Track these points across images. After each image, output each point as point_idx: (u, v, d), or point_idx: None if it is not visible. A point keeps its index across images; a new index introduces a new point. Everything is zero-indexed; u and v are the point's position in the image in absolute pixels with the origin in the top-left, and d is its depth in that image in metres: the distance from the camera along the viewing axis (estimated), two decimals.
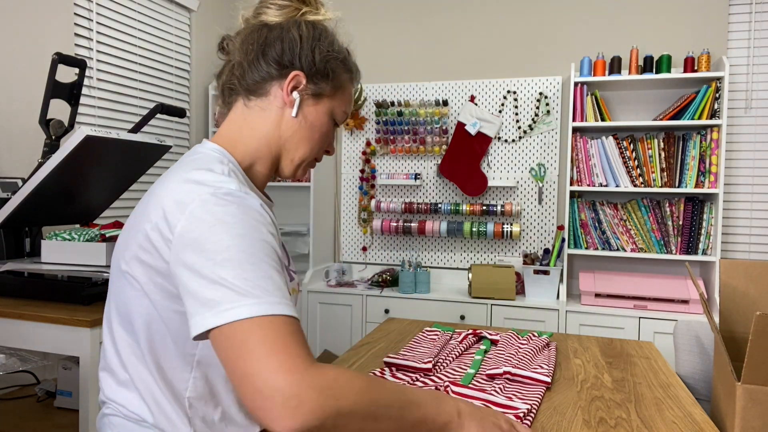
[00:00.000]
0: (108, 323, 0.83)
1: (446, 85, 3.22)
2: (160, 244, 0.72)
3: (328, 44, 0.87)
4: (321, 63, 0.86)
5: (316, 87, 0.86)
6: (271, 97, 0.86)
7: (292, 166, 0.89)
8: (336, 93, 0.89)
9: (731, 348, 1.21)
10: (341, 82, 0.89)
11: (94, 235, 1.65)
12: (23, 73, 2.21)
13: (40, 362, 1.42)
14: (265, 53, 0.85)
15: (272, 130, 0.86)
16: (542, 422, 0.96)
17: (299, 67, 0.85)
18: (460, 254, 3.23)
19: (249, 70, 0.86)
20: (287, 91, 0.85)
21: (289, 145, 0.87)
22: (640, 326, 2.63)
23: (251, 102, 0.86)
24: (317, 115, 0.87)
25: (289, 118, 0.86)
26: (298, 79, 0.85)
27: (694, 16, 2.88)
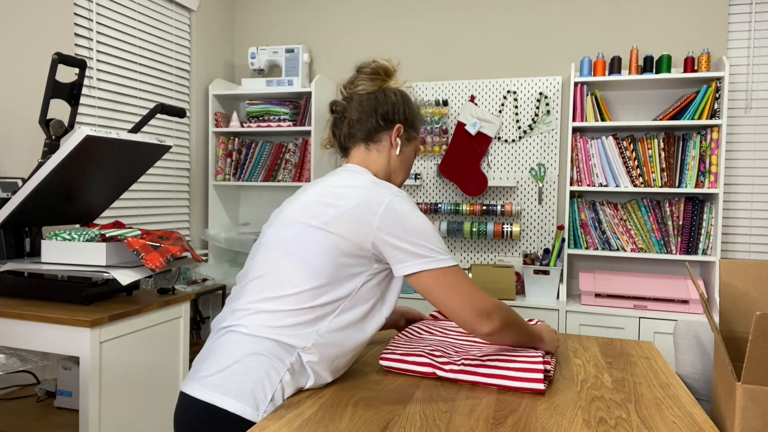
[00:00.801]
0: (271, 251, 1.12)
1: (446, 85, 3.22)
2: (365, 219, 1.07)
3: (412, 104, 1.28)
4: (410, 117, 1.27)
5: (407, 133, 1.27)
6: (384, 142, 1.25)
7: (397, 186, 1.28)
8: (417, 136, 1.31)
9: (731, 348, 1.21)
10: (418, 128, 1.32)
11: (94, 235, 1.65)
12: (23, 73, 2.21)
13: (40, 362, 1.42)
14: (377, 112, 1.23)
15: (385, 164, 1.26)
16: (542, 422, 0.96)
17: (400, 121, 1.25)
18: (460, 254, 3.23)
19: (367, 123, 1.24)
20: (394, 137, 1.25)
21: (395, 172, 1.28)
22: (640, 326, 2.63)
23: (370, 146, 1.25)
24: (408, 152, 1.29)
25: (395, 156, 1.26)
26: (400, 130, 1.25)
27: (694, 16, 2.88)
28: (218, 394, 1.01)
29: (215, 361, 1.05)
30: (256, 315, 1.07)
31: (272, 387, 1.03)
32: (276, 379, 1.03)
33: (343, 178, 1.15)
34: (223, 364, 1.04)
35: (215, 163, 3.35)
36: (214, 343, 1.09)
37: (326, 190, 1.13)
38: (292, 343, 1.05)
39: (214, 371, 1.04)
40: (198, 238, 3.32)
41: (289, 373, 1.05)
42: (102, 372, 1.55)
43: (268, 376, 1.03)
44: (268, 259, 1.11)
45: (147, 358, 1.73)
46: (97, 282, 1.67)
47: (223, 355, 1.05)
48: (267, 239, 1.14)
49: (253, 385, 1.02)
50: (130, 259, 1.69)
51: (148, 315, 1.72)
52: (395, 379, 1.17)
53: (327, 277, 1.07)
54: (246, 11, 3.62)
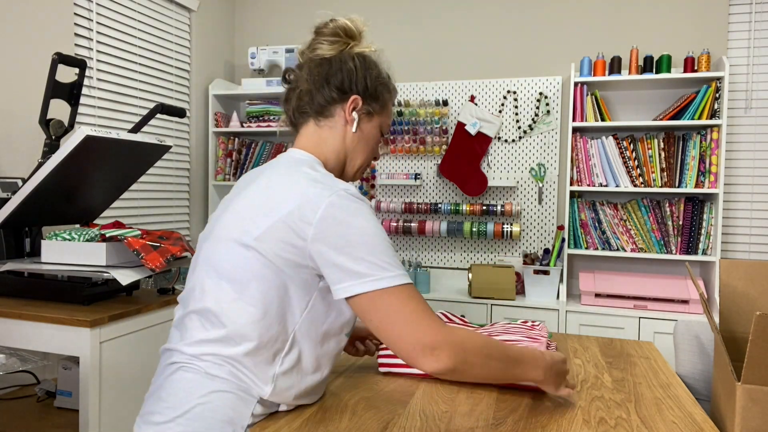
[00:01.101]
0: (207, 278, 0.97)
1: (446, 85, 3.22)
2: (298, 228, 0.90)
3: (376, 71, 1.09)
4: (372, 87, 1.08)
5: (368, 107, 1.08)
6: (337, 117, 1.07)
7: (353, 171, 1.11)
8: (382, 110, 1.11)
9: (731, 348, 1.21)
10: (385, 101, 1.11)
11: (94, 235, 1.65)
12: (23, 73, 2.21)
13: (40, 362, 1.42)
14: (329, 82, 1.06)
15: (339, 144, 1.08)
16: (542, 422, 0.96)
17: (356, 92, 1.06)
18: (460, 254, 3.23)
19: (317, 96, 1.06)
20: (348, 111, 1.06)
21: (352, 154, 1.09)
22: (640, 326, 2.63)
23: (321, 122, 1.07)
24: (370, 129, 1.10)
25: (351, 133, 1.08)
26: (356, 102, 1.06)
27: (694, 16, 2.88)
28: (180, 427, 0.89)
29: (172, 405, 0.91)
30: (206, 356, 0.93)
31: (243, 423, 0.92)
32: (247, 414, 0.92)
33: (280, 173, 0.97)
34: (182, 408, 0.91)
35: (215, 163, 3.35)
36: (166, 380, 0.95)
37: (259, 193, 0.95)
38: (250, 389, 0.93)
39: (173, 416, 0.91)
40: (198, 238, 3.32)
41: (260, 405, 0.94)
42: (102, 372, 1.55)
43: (237, 412, 0.91)
44: (203, 286, 0.95)
45: (147, 358, 1.73)
46: (97, 282, 1.67)
47: (179, 397, 0.91)
48: (202, 259, 0.98)
49: (222, 428, 0.90)
50: (130, 259, 1.69)
51: (148, 315, 1.72)
52: (395, 379, 1.17)
53: (269, 306, 0.91)
54: (246, 11, 3.62)
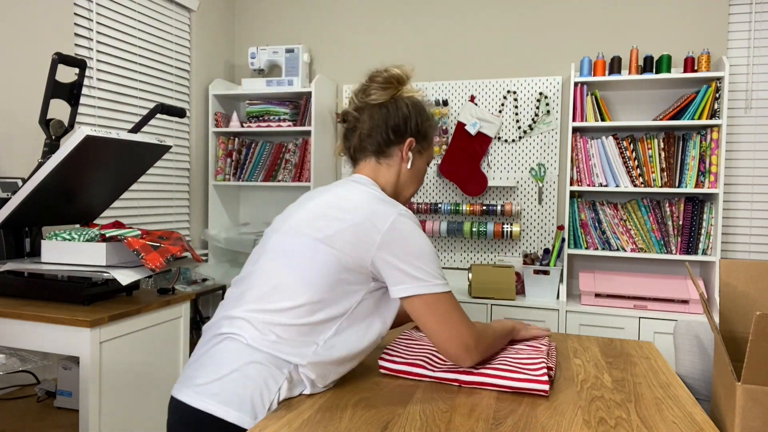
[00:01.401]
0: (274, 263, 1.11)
1: (446, 85, 3.22)
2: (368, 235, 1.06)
3: (425, 113, 1.26)
4: (423, 128, 1.25)
5: (420, 146, 1.26)
6: (395, 157, 1.24)
7: (405, 199, 1.29)
8: (430, 146, 1.29)
9: (731, 348, 1.21)
10: (431, 138, 1.29)
11: (94, 235, 1.65)
12: (23, 73, 2.21)
13: (40, 362, 1.42)
14: (388, 126, 1.22)
15: (394, 177, 1.25)
16: (542, 422, 0.96)
17: (411, 134, 1.23)
18: (460, 254, 3.23)
19: (378, 137, 1.22)
20: (405, 152, 1.23)
21: (404, 186, 1.27)
22: (640, 326, 2.63)
23: (381, 160, 1.24)
24: (421, 164, 1.28)
25: (406, 169, 1.25)
26: (412, 143, 1.23)
27: (694, 16, 2.88)
28: (216, 403, 0.99)
29: (212, 369, 1.03)
30: (254, 326, 1.05)
31: (270, 396, 1.02)
32: (274, 389, 1.02)
33: (350, 189, 1.14)
34: (220, 372, 1.02)
35: (215, 163, 3.35)
36: (211, 349, 1.07)
37: (333, 202, 1.11)
38: (288, 359, 1.04)
39: (212, 379, 1.02)
40: (198, 238, 3.32)
41: (287, 382, 1.04)
42: (102, 372, 1.55)
43: (266, 385, 1.02)
44: (269, 268, 1.09)
45: (147, 358, 1.73)
46: (97, 282, 1.67)
47: (220, 363, 1.03)
48: (270, 247, 1.12)
49: (252, 394, 1.00)
50: (130, 259, 1.69)
51: (148, 315, 1.72)
52: (395, 380, 1.17)
53: (325, 292, 1.05)
54: (246, 11, 3.62)
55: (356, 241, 1.05)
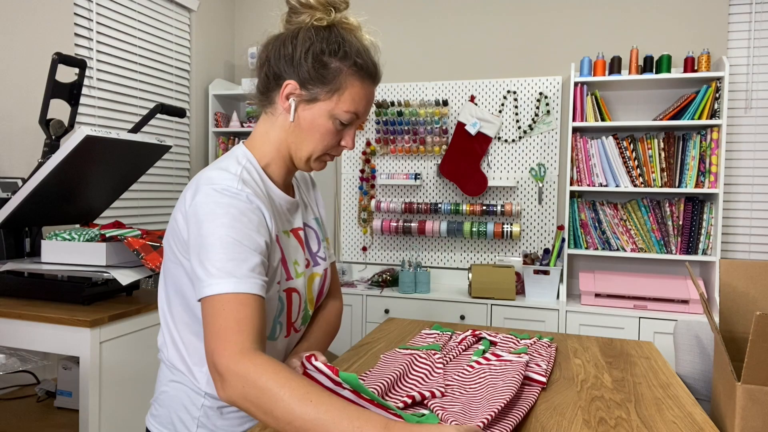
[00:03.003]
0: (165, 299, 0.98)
1: (446, 85, 3.22)
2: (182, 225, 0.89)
3: (327, 47, 0.92)
4: (313, 68, 0.91)
5: (308, 92, 0.93)
6: (276, 105, 0.96)
7: (302, 163, 0.99)
8: (334, 94, 0.93)
9: (731, 348, 1.21)
10: (340, 83, 0.92)
11: (94, 235, 1.65)
12: (23, 73, 2.21)
13: (40, 362, 1.42)
14: (269, 65, 0.95)
15: (279, 134, 0.97)
16: (542, 422, 0.96)
17: (292, 76, 0.93)
18: (460, 254, 3.23)
19: (260, 81, 0.98)
20: (282, 98, 0.94)
21: (293, 145, 0.97)
22: (640, 326, 2.63)
23: (266, 110, 0.99)
24: (313, 118, 0.94)
25: (288, 122, 0.96)
26: (291, 88, 0.93)
27: (694, 16, 2.88)
28: (156, 423, 1.00)
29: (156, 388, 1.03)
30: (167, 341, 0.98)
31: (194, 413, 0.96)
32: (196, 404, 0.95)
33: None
34: (156, 392, 1.01)
35: None
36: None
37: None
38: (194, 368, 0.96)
39: (153, 399, 1.03)
40: None
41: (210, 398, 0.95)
42: (102, 372, 1.55)
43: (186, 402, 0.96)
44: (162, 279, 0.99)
45: (147, 358, 1.73)
46: (97, 282, 1.67)
47: (157, 383, 1.02)
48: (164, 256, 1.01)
49: (173, 413, 0.97)
50: (130, 259, 1.69)
51: (148, 315, 1.72)
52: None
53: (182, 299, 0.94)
54: (246, 11, 3.62)
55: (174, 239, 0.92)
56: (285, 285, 0.95)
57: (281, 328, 0.96)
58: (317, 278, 1.05)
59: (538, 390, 1.08)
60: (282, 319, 0.96)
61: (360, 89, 0.94)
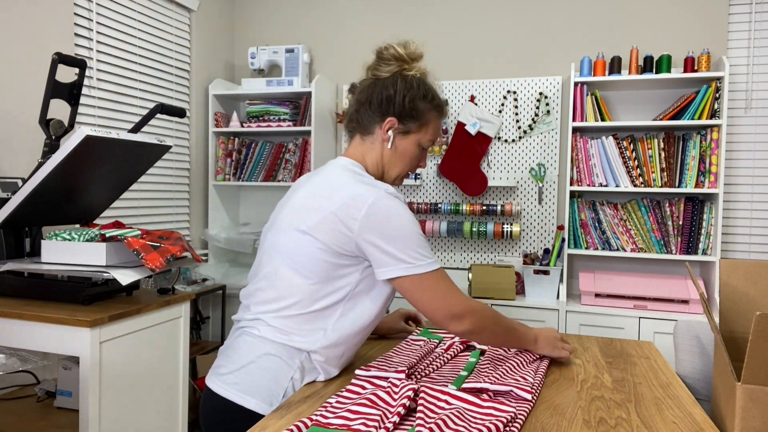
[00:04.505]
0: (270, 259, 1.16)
1: (446, 85, 3.22)
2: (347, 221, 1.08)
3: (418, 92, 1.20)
4: (410, 107, 1.20)
5: (404, 126, 1.21)
6: (376, 135, 1.22)
7: (391, 180, 1.26)
8: (422, 128, 1.23)
9: (731, 348, 1.21)
10: (426, 120, 1.23)
11: (94, 235, 1.65)
12: (23, 73, 2.21)
13: (40, 362, 1.42)
14: (372, 102, 1.20)
15: (377, 158, 1.23)
16: (542, 422, 0.96)
17: (394, 113, 1.20)
18: (460, 254, 3.23)
19: (363, 115, 1.22)
20: (384, 131, 1.21)
21: (388, 167, 1.24)
22: (640, 326, 2.63)
23: (365, 138, 1.23)
24: (406, 146, 1.23)
25: (387, 149, 1.22)
26: (392, 123, 1.20)
27: (694, 16, 2.88)
28: (236, 391, 1.10)
29: (233, 360, 1.14)
30: (264, 321, 1.13)
31: (284, 385, 1.10)
32: (287, 378, 1.11)
33: (329, 174, 1.16)
34: (239, 363, 1.12)
35: (215, 163, 3.35)
36: (234, 341, 1.17)
37: (312, 191, 1.14)
38: (300, 347, 1.11)
39: (232, 369, 1.13)
40: (198, 238, 3.32)
41: (299, 371, 1.12)
42: (102, 372, 1.55)
43: (280, 375, 1.10)
44: (268, 265, 1.16)
45: (147, 358, 1.73)
46: (97, 282, 1.67)
47: (240, 355, 1.14)
48: (267, 245, 1.18)
49: (267, 383, 1.10)
50: (130, 259, 1.69)
51: (148, 315, 1.72)
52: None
53: (321, 282, 1.11)
54: (246, 11, 3.62)
55: (336, 229, 1.08)
56: None
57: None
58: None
59: (528, 408, 1.01)
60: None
61: (436, 123, 1.26)
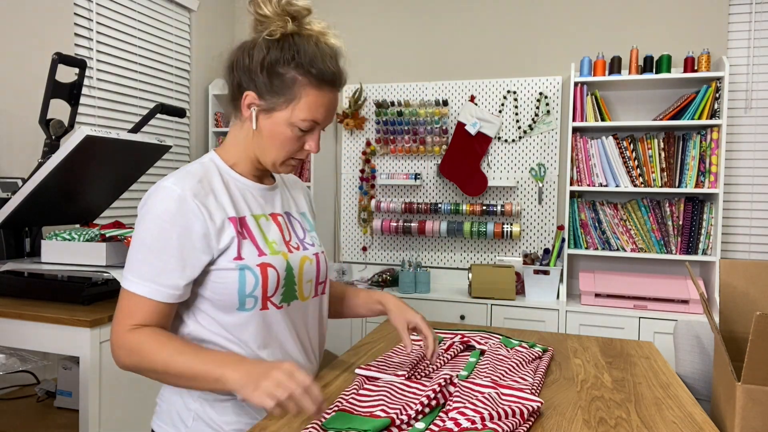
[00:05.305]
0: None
1: (446, 85, 3.22)
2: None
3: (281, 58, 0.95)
4: (268, 80, 0.96)
5: (267, 103, 0.97)
6: (241, 113, 1.01)
7: (270, 166, 1.04)
8: (290, 105, 0.97)
9: (731, 348, 1.21)
10: (296, 94, 0.96)
11: (94, 235, 1.65)
12: (23, 73, 2.21)
13: (40, 362, 1.42)
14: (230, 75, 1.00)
15: (245, 139, 1.03)
16: (542, 422, 0.96)
17: (251, 87, 0.97)
18: (460, 254, 3.23)
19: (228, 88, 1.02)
20: (244, 108, 0.99)
21: (258, 150, 1.03)
22: (640, 326, 2.63)
23: (236, 116, 1.03)
24: (272, 127, 0.99)
25: (252, 131, 1.01)
26: (250, 98, 0.98)
27: (694, 16, 2.88)
28: (156, 419, 1.06)
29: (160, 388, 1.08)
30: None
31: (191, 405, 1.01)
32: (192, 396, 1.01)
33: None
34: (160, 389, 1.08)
35: None
36: None
37: None
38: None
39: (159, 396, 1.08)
40: None
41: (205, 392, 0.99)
42: (102, 372, 1.55)
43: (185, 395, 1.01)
44: None
45: None
46: (97, 282, 1.67)
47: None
48: None
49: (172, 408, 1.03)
50: None
51: None
52: None
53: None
54: (246, 11, 3.61)
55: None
56: (257, 260, 0.98)
57: (256, 301, 0.99)
58: (307, 262, 1.08)
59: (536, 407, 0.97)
60: (257, 293, 0.98)
61: (317, 97, 0.97)
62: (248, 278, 0.97)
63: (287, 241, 1.07)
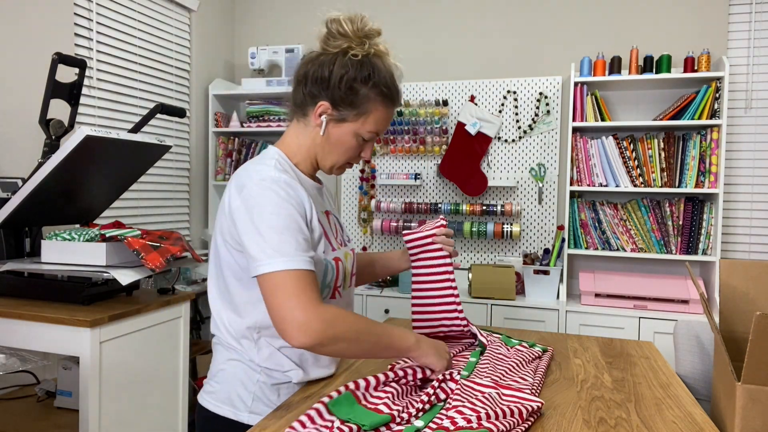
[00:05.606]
0: (210, 269, 1.13)
1: (446, 85, 3.22)
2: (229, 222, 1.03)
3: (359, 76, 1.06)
4: (347, 94, 1.06)
5: (339, 113, 1.08)
6: (309, 118, 1.11)
7: (326, 169, 1.16)
8: (360, 117, 1.08)
9: (731, 348, 1.21)
10: (367, 108, 1.08)
11: (94, 235, 1.65)
12: (23, 73, 2.21)
13: (40, 362, 1.42)
14: (306, 83, 1.09)
15: (309, 142, 1.12)
16: (542, 422, 0.96)
17: (327, 98, 1.07)
18: (460, 254, 3.23)
19: (298, 94, 1.11)
20: (315, 115, 1.09)
21: (320, 155, 1.13)
22: (640, 326, 2.63)
23: (300, 120, 1.13)
24: (340, 135, 1.10)
25: (319, 136, 1.10)
26: (324, 108, 1.08)
27: (694, 16, 2.88)
28: (212, 400, 1.11)
29: (211, 368, 1.15)
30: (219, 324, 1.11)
31: (251, 389, 1.08)
32: (253, 380, 1.08)
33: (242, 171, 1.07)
34: (213, 371, 1.14)
35: (215, 163, 3.35)
36: (214, 349, 1.17)
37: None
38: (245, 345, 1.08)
39: (209, 378, 1.14)
40: (198, 238, 3.32)
41: (264, 373, 1.08)
42: (102, 372, 1.55)
43: (246, 378, 1.09)
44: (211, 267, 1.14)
45: (147, 358, 1.73)
46: (97, 282, 1.67)
47: (214, 363, 1.15)
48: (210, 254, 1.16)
49: (235, 389, 1.09)
50: (130, 259, 1.69)
51: (148, 315, 1.72)
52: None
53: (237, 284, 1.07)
54: (246, 11, 3.62)
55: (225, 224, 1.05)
56: (332, 255, 1.11)
57: (329, 291, 1.11)
58: (350, 256, 1.21)
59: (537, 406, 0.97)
60: (330, 283, 1.11)
61: (383, 113, 1.10)
62: (328, 270, 1.09)
63: (336, 237, 1.18)
